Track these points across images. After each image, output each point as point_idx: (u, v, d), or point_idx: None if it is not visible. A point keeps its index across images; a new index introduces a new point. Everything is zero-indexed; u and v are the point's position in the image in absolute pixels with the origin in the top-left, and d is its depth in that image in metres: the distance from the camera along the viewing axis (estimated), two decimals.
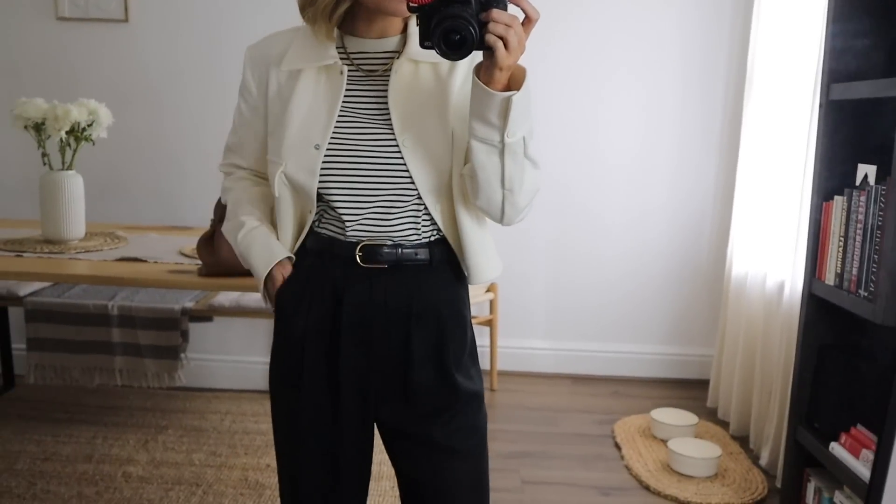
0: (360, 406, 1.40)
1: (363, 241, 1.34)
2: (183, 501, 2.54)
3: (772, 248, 3.01)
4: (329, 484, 1.44)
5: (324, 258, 1.38)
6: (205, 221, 2.44)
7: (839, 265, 2.04)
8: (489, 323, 3.56)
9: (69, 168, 2.51)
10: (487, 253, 1.41)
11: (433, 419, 1.39)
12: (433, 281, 1.38)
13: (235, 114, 1.48)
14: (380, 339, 1.37)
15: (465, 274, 1.41)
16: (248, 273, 2.10)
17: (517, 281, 3.71)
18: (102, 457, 2.82)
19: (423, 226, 1.37)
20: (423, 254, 1.36)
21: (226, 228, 1.48)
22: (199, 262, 2.24)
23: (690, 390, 3.67)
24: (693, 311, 3.77)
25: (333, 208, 1.34)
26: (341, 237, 1.36)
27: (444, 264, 1.40)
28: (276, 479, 1.50)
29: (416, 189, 1.32)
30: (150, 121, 3.48)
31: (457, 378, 1.39)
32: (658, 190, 3.67)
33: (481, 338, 3.69)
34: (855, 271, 1.97)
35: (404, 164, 1.31)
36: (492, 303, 3.55)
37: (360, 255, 1.34)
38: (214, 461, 2.82)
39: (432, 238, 1.38)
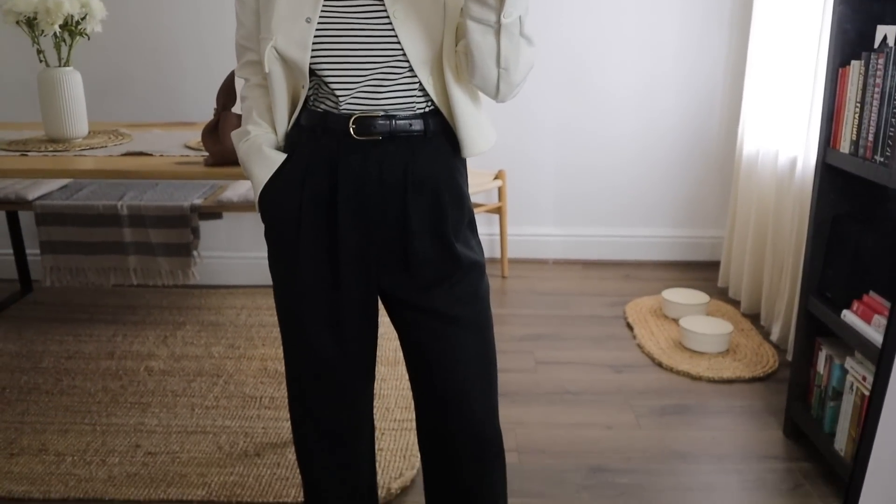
0: (361, 276, 1.42)
1: (356, 113, 1.34)
2: (205, 391, 2.60)
3: (784, 122, 2.96)
4: (336, 359, 1.47)
5: (317, 133, 1.37)
6: (207, 116, 2.41)
7: (855, 132, 2.01)
8: (498, 210, 3.55)
9: (66, 64, 2.46)
10: (480, 124, 1.41)
11: (435, 288, 1.41)
12: (428, 152, 1.38)
13: (236, 5, 1.44)
14: (377, 210, 1.37)
15: (460, 146, 1.41)
16: None
17: (526, 168, 3.68)
18: (124, 353, 2.88)
19: (416, 97, 1.36)
20: (417, 125, 1.36)
21: (234, 136, 1.49)
22: (205, 152, 2.23)
23: (701, 272, 3.69)
24: (704, 193, 3.75)
25: (326, 83, 1.33)
26: (335, 111, 1.35)
27: (440, 135, 1.39)
28: None
29: (408, 61, 1.32)
30: (147, 15, 3.39)
31: (456, 247, 1.40)
32: (667, 66, 3.59)
33: (491, 226, 3.69)
34: (871, 137, 1.94)
35: (395, 36, 1.30)
36: (500, 190, 3.53)
37: (353, 128, 1.34)
38: (233, 353, 2.87)
39: (427, 109, 1.38)
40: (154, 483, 2.13)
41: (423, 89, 1.36)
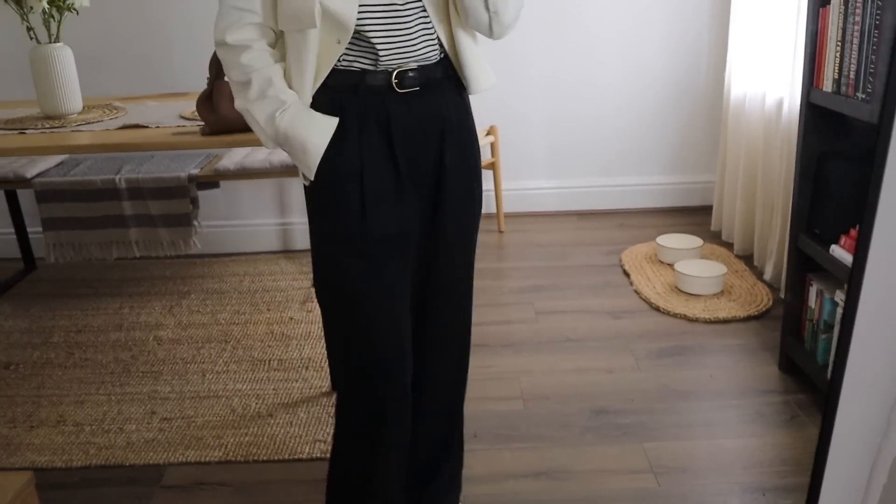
0: (417, 218, 1.51)
1: (396, 67, 1.39)
2: (215, 357, 2.66)
3: (770, 65, 2.99)
4: (402, 314, 1.52)
5: (359, 91, 1.40)
6: (198, 86, 2.43)
7: (836, 71, 2.04)
8: (492, 166, 3.59)
9: (56, 40, 2.48)
10: (482, 63, 1.51)
11: (454, 221, 1.55)
12: (449, 97, 1.48)
13: None
14: (423, 156, 1.46)
15: (465, 86, 1.51)
16: (248, 128, 2.13)
17: (516, 123, 3.71)
18: (132, 325, 2.93)
19: (433, 46, 1.43)
20: (439, 72, 1.45)
21: (259, 108, 1.39)
22: (201, 122, 2.26)
23: (694, 217, 3.74)
24: (694, 139, 3.78)
25: (367, 39, 1.36)
26: (372, 68, 1.38)
27: (451, 80, 1.49)
28: (300, 329, 1.58)
29: (427, 11, 1.39)
30: None
31: (474, 187, 1.55)
32: (652, 13, 3.59)
33: (485, 182, 3.72)
34: (853, 75, 1.97)
35: None
36: (493, 146, 3.56)
37: (395, 82, 1.39)
38: (239, 319, 2.93)
39: (440, 56, 1.45)
40: (172, 447, 2.20)
41: (436, 37, 1.43)
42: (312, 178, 1.42)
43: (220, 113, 2.12)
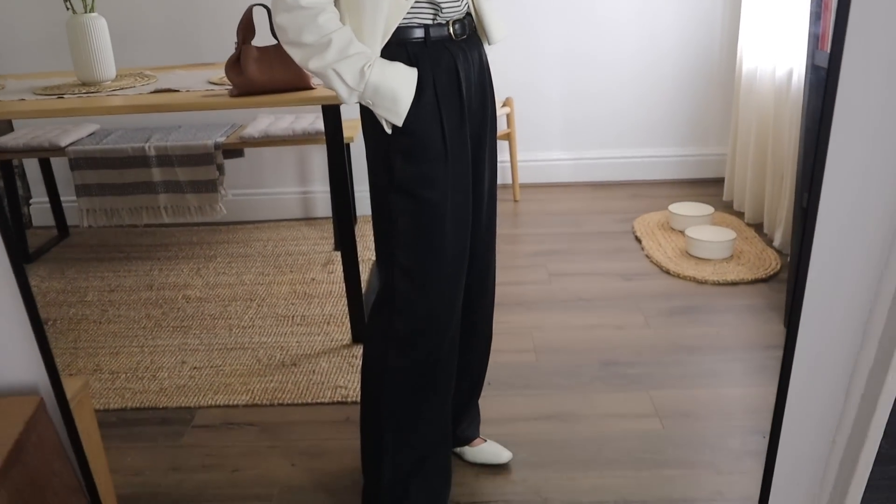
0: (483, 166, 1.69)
1: (449, 19, 1.52)
2: (241, 314, 2.79)
3: (781, 37, 3.06)
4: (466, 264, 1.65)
5: (427, 43, 1.50)
6: (224, 56, 2.53)
7: None
8: (507, 137, 3.68)
9: (91, 10, 2.60)
10: (497, 16, 1.64)
11: (492, 165, 1.72)
12: (480, 44, 1.63)
13: None
14: (478, 101, 1.60)
15: (486, 37, 1.65)
16: (275, 90, 2.24)
17: (532, 94, 3.80)
18: (162, 285, 3.06)
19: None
20: (471, 21, 1.59)
21: (345, 65, 1.41)
22: (229, 86, 2.37)
23: (707, 188, 3.82)
24: (707, 111, 3.86)
25: None
26: (431, 22, 1.50)
27: (476, 32, 1.63)
28: (322, 288, 1.69)
29: None
30: None
31: (495, 129, 1.72)
32: None
33: (501, 153, 3.82)
34: None
35: None
36: (508, 117, 3.66)
37: (453, 31, 1.53)
38: (264, 280, 3.05)
39: (467, 8, 1.59)
40: (202, 392, 2.32)
41: None
42: (401, 124, 1.47)
43: (247, 75, 2.23)
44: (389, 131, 1.49)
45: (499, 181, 3.55)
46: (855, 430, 1.41)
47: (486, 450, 1.98)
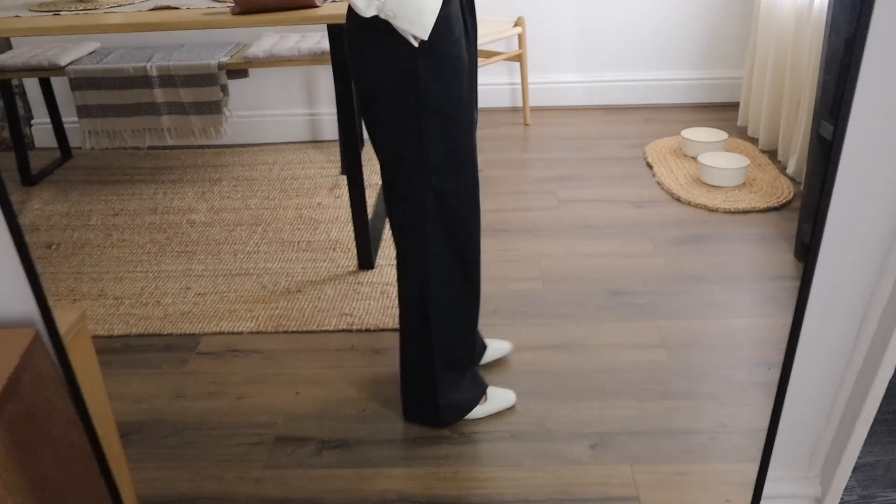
0: None
1: None
2: (246, 238, 2.76)
3: None
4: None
5: None
6: None
7: None
8: (518, 58, 3.58)
9: None
10: None
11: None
12: None
13: None
14: (471, 21, 1.57)
15: None
16: (280, 8, 2.16)
17: (544, 14, 3.67)
18: (166, 208, 3.03)
19: None
20: None
21: None
22: (230, 4, 2.29)
23: (721, 112, 3.72)
24: (723, 34, 3.73)
25: None
26: None
27: None
28: (328, 213, 1.71)
29: None
30: None
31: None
32: None
33: (512, 75, 3.73)
34: None
35: None
36: (520, 37, 3.55)
37: None
38: (269, 204, 3.02)
39: None
40: (206, 318, 2.32)
41: None
42: (426, 37, 1.40)
43: None
44: (416, 45, 1.41)
45: (509, 104, 3.49)
46: (865, 367, 1.39)
47: (493, 346, 2.07)
